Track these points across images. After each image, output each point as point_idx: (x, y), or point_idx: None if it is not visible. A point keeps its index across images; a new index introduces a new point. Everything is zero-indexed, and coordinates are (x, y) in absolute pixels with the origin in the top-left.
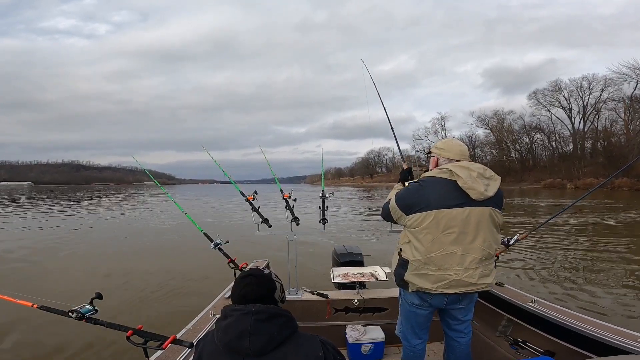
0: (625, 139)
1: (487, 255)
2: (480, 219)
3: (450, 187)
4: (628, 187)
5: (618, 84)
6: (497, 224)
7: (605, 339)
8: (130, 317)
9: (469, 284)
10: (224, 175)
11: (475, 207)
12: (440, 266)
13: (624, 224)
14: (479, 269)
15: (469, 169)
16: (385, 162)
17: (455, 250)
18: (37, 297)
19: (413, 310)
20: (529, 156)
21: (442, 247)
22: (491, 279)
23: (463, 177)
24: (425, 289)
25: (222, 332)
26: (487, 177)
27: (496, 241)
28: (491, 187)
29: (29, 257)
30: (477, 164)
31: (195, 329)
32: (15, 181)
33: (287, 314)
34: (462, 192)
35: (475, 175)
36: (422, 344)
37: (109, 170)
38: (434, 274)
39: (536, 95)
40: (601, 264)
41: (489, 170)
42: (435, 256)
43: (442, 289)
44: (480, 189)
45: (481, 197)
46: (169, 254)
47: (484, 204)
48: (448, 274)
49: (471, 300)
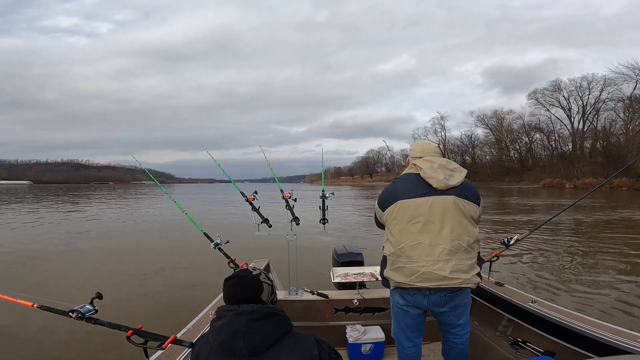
0: (624, 139)
1: (456, 246)
2: (445, 208)
3: (415, 179)
4: (627, 187)
5: (617, 84)
6: (467, 215)
7: (605, 339)
8: (130, 317)
9: (441, 277)
10: (224, 174)
11: (438, 195)
12: (411, 257)
13: (624, 223)
14: (451, 261)
15: (431, 162)
16: (384, 162)
17: (423, 240)
18: (37, 297)
19: (400, 310)
20: (528, 156)
21: (410, 237)
22: (470, 275)
23: (424, 168)
24: (401, 283)
25: (216, 333)
26: (451, 169)
27: (468, 233)
28: (454, 178)
29: (29, 257)
30: (442, 158)
31: (195, 328)
32: (15, 180)
33: (281, 313)
34: (425, 182)
35: (436, 167)
36: (414, 347)
37: (109, 170)
38: (407, 266)
39: (535, 95)
40: (601, 264)
41: (453, 163)
42: (405, 247)
43: (415, 282)
44: (439, 177)
45: (442, 186)
46: (169, 254)
47: (447, 193)
48: (418, 266)
49: (458, 303)
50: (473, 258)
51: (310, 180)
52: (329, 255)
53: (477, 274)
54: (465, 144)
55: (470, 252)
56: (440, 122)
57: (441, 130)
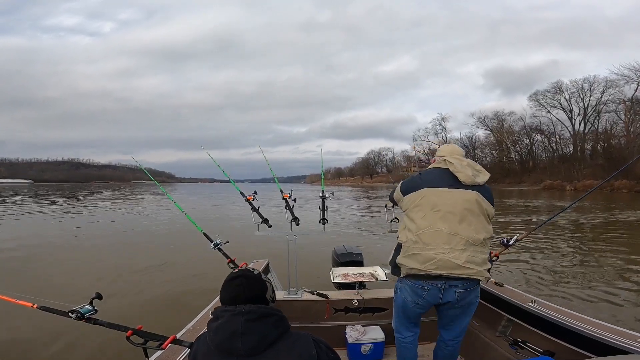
0: (625, 141)
1: (474, 239)
2: (467, 202)
3: (443, 173)
4: (627, 189)
5: (619, 86)
6: (485, 212)
7: (605, 339)
8: (129, 317)
9: (455, 265)
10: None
11: (463, 189)
12: (428, 244)
13: (624, 224)
14: (467, 252)
15: (460, 159)
16: (385, 163)
17: (443, 228)
18: (36, 298)
19: (405, 303)
20: (529, 157)
21: (430, 224)
22: (482, 268)
23: (454, 163)
24: (414, 269)
25: (214, 333)
26: (477, 170)
27: (485, 229)
28: (480, 177)
29: (28, 257)
30: (470, 160)
31: (195, 329)
32: (15, 179)
33: (278, 313)
34: (453, 176)
35: (465, 164)
36: (413, 336)
37: (109, 169)
38: (422, 253)
39: (537, 97)
40: (601, 264)
41: (479, 165)
42: (424, 233)
43: (430, 269)
44: (468, 173)
45: (468, 181)
46: (169, 254)
47: (472, 189)
48: (435, 253)
49: (471, 302)
50: (486, 253)
51: (311, 181)
52: (328, 256)
53: (488, 270)
54: (465, 145)
55: (484, 246)
56: (441, 124)
57: (442, 131)
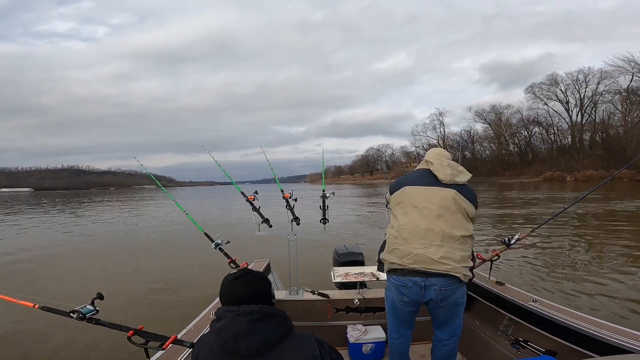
0: (623, 131)
1: (450, 235)
2: (445, 199)
3: (425, 172)
4: (628, 179)
5: (614, 77)
6: (464, 210)
7: (606, 338)
8: (131, 317)
9: (431, 260)
10: (225, 176)
11: (441, 187)
12: (407, 239)
13: (626, 218)
14: (443, 247)
15: (442, 160)
16: (384, 159)
17: (421, 223)
18: (38, 298)
19: (392, 303)
20: (528, 150)
21: (410, 220)
22: (459, 265)
23: (434, 163)
24: (394, 264)
25: (216, 334)
26: (458, 170)
27: (463, 227)
28: (460, 177)
29: (31, 259)
30: (452, 162)
31: (196, 329)
32: (15, 187)
33: (282, 313)
34: (433, 176)
35: (445, 164)
36: (400, 338)
37: (109, 175)
38: (401, 247)
39: (533, 89)
40: (603, 261)
41: (461, 167)
42: (404, 228)
43: (407, 264)
44: (447, 172)
45: (447, 180)
46: (170, 255)
47: (450, 187)
48: (412, 248)
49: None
50: (465, 251)
51: (311, 180)
52: (329, 255)
53: (470, 269)
54: (464, 139)
55: (463, 244)
56: (439, 119)
57: (440, 126)
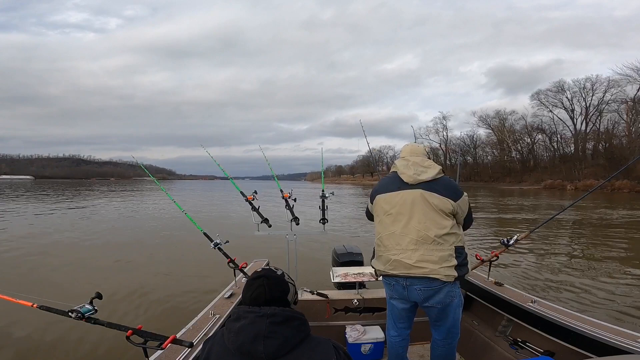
0: (626, 141)
1: (423, 237)
2: (414, 200)
3: (393, 177)
4: (628, 189)
5: (621, 86)
6: (437, 208)
7: (604, 339)
8: (130, 317)
9: (408, 265)
10: (224, 173)
11: (408, 190)
12: (386, 247)
13: (624, 224)
14: (418, 251)
15: (407, 160)
16: (386, 161)
17: (395, 230)
18: (36, 297)
19: (390, 301)
20: (529, 157)
21: (385, 228)
22: (438, 266)
23: (398, 166)
24: (380, 270)
25: (235, 334)
26: (424, 166)
27: (437, 225)
28: (426, 174)
29: (28, 256)
30: (419, 157)
31: (195, 328)
32: (16, 175)
33: (302, 316)
34: (400, 178)
35: (410, 164)
36: (398, 337)
37: (110, 165)
38: (383, 255)
39: (539, 96)
40: (601, 264)
41: (429, 161)
42: (382, 237)
43: (389, 270)
44: (409, 173)
45: (411, 180)
46: (169, 254)
47: (416, 187)
48: (391, 254)
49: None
50: (444, 250)
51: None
52: (328, 255)
53: (455, 267)
54: (466, 144)
55: (441, 244)
56: (442, 122)
57: (443, 130)
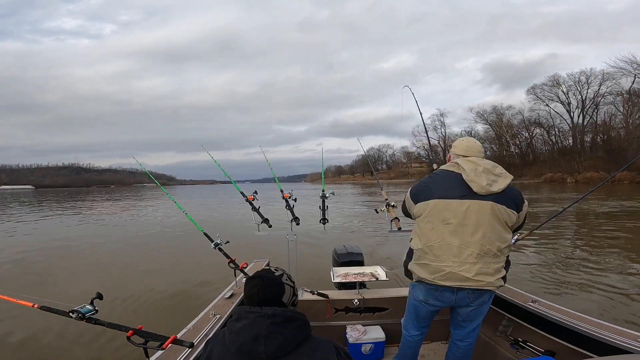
0: (624, 132)
1: (486, 250)
2: (481, 213)
3: (455, 179)
4: (628, 181)
5: (616, 78)
6: (503, 221)
7: (605, 339)
8: (130, 317)
9: (465, 278)
10: (225, 175)
11: (476, 200)
12: (438, 256)
13: (625, 217)
14: (478, 264)
15: (476, 164)
16: (385, 160)
17: (453, 241)
18: (37, 297)
19: (417, 302)
20: (528, 151)
21: (440, 237)
22: (494, 278)
23: (467, 170)
24: (424, 279)
25: (236, 335)
26: (496, 174)
27: (500, 239)
28: (498, 184)
29: (30, 258)
30: (487, 161)
31: (196, 329)
32: (16, 185)
33: (302, 317)
34: (466, 185)
35: (480, 170)
36: (419, 335)
37: (110, 172)
38: (432, 264)
39: (534, 90)
40: (602, 262)
41: (499, 167)
42: (433, 245)
43: (438, 280)
44: (482, 183)
45: (483, 191)
46: (169, 254)
47: (486, 199)
48: (445, 265)
49: (481, 303)
50: (501, 262)
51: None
52: (329, 255)
53: (503, 277)
54: None
55: (499, 256)
56: (440, 119)
57: (441, 126)
